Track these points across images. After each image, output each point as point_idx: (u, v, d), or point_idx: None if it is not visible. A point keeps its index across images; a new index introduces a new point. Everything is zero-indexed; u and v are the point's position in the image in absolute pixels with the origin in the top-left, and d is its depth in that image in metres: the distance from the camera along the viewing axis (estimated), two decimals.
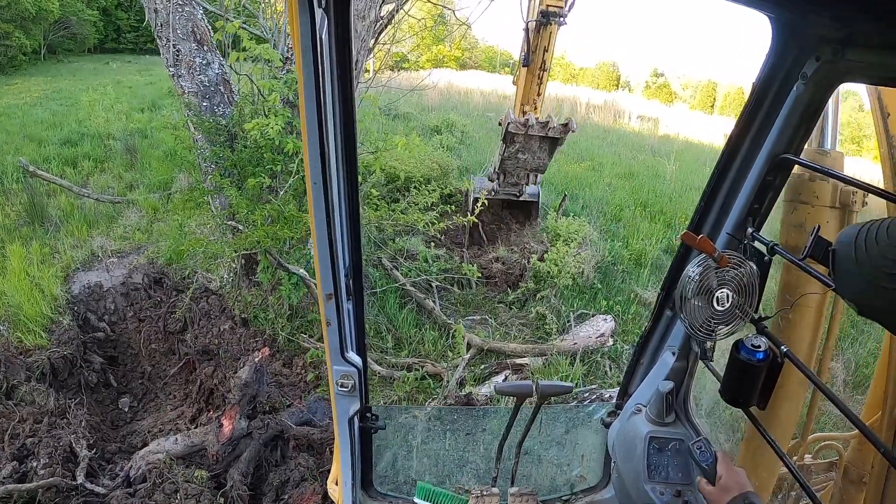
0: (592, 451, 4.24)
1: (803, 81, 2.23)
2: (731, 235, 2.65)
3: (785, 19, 2.17)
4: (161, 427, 6.64)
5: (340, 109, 2.22)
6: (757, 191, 2.53)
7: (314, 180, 2.12)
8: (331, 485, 3.42)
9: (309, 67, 1.88)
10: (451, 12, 14.79)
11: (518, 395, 3.43)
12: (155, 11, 7.65)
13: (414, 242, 10.41)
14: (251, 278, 8.38)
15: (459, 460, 4.78)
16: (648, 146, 23.98)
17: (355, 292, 2.77)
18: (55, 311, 7.85)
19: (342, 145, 2.31)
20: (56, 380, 6.85)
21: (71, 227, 10.69)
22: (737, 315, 2.54)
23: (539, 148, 10.16)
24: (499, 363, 7.96)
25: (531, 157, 10.35)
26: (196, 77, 7.88)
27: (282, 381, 7.25)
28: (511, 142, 9.99)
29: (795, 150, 2.41)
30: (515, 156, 10.33)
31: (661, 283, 3.24)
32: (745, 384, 2.48)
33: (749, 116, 2.43)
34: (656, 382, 3.09)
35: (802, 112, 2.31)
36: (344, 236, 2.53)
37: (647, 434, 3.04)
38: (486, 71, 50.15)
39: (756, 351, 2.38)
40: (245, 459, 5.75)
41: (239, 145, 7.49)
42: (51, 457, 5.66)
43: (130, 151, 15.34)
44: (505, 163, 10.56)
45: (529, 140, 9.96)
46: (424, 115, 23.09)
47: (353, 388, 2.91)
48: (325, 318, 2.59)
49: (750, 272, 2.46)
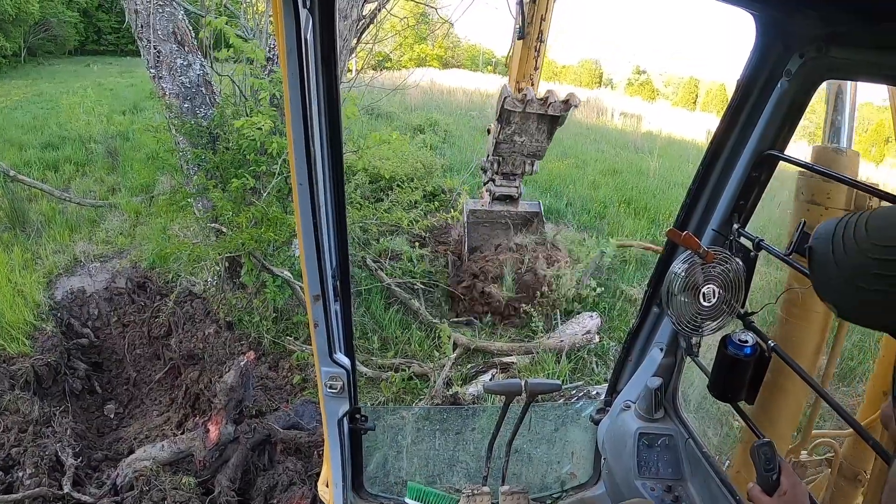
0: (582, 449, 4.29)
1: (787, 78, 2.26)
2: (717, 232, 2.69)
3: (769, 17, 2.19)
4: (147, 433, 6.58)
5: (326, 110, 2.22)
6: (742, 187, 2.55)
7: (300, 181, 2.12)
8: (321, 487, 3.40)
9: (294, 67, 1.88)
10: (434, 10, 14.75)
11: (507, 393, 3.44)
12: (135, 12, 7.58)
13: (399, 242, 10.35)
14: (235, 281, 8.33)
15: (450, 460, 4.80)
16: (631, 143, 24.05)
17: (342, 293, 2.77)
18: (38, 317, 7.78)
19: (328, 146, 2.31)
20: (40, 388, 6.77)
21: (53, 231, 10.62)
22: (723, 310, 2.55)
23: (537, 129, 9.36)
24: (485, 362, 7.95)
25: (528, 140, 9.50)
26: (177, 78, 7.82)
27: (268, 384, 7.20)
28: (507, 122, 9.14)
29: (780, 146, 2.43)
30: (511, 138, 9.44)
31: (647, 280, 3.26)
32: (733, 379, 2.50)
33: (734, 113, 2.47)
34: (645, 379, 3.13)
35: (787, 108, 2.34)
36: (330, 237, 2.53)
37: (637, 430, 3.08)
38: (468, 70, 50.10)
39: (743, 346, 2.40)
40: (232, 465, 5.71)
41: (221, 147, 7.45)
42: (37, 466, 5.59)
43: (112, 154, 15.29)
44: (500, 147, 9.58)
45: (527, 120, 9.17)
46: (407, 114, 23.04)
47: (342, 390, 2.91)
48: (312, 319, 2.58)
49: (736, 268, 2.48)
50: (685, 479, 3.00)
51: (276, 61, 7.97)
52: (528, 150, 9.68)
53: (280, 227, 7.10)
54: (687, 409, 3.34)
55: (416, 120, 21.56)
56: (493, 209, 10.52)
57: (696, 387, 4.85)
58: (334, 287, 2.65)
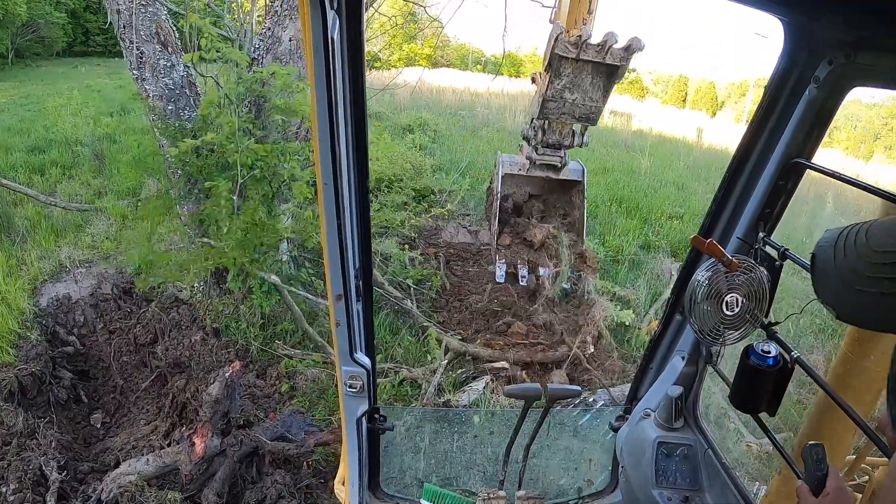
0: (600, 456, 4.31)
1: (815, 85, 2.23)
2: (742, 240, 2.66)
3: (797, 23, 2.17)
4: (135, 443, 6.48)
5: (352, 110, 2.21)
6: (769, 195, 2.53)
7: (325, 180, 2.13)
8: (338, 485, 3.41)
9: (321, 68, 1.89)
10: (423, 9, 14.71)
11: (526, 397, 3.45)
12: (117, 12, 7.45)
13: (388, 244, 10.27)
14: (222, 287, 8.24)
15: (467, 462, 4.86)
16: (622, 141, 24.22)
17: (365, 293, 2.77)
18: (22, 325, 7.66)
19: (353, 146, 2.30)
20: (25, 398, 6.66)
21: (38, 237, 10.52)
22: (747, 320, 2.52)
23: (592, 83, 8.07)
24: (477, 368, 7.87)
25: (581, 98, 8.18)
26: (161, 80, 7.71)
27: (255, 393, 7.12)
28: (557, 73, 7.92)
29: (808, 154, 2.40)
30: (561, 95, 8.14)
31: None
32: (755, 390, 2.47)
33: (761, 120, 2.43)
34: (665, 387, 3.13)
35: (815, 116, 2.30)
36: (354, 237, 2.52)
37: (656, 439, 3.08)
38: (458, 69, 50.16)
39: (766, 357, 2.36)
40: (219, 478, 5.63)
41: (205, 150, 7.34)
42: (20, 481, 5.49)
43: (98, 157, 15.23)
44: (547, 105, 8.30)
45: (581, 72, 7.92)
46: (396, 114, 23.14)
47: (362, 389, 2.93)
48: (334, 318, 2.59)
49: (760, 277, 2.45)
50: (703, 490, 2.99)
51: (262, 62, 7.88)
52: (581, 110, 8.42)
53: (266, 233, 7.02)
54: (706, 418, 3.32)
55: (405, 120, 21.65)
56: (532, 174, 9.69)
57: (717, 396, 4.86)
58: (357, 287, 2.64)
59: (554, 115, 8.46)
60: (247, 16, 9.21)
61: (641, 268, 11.24)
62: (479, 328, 8.97)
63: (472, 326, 9.00)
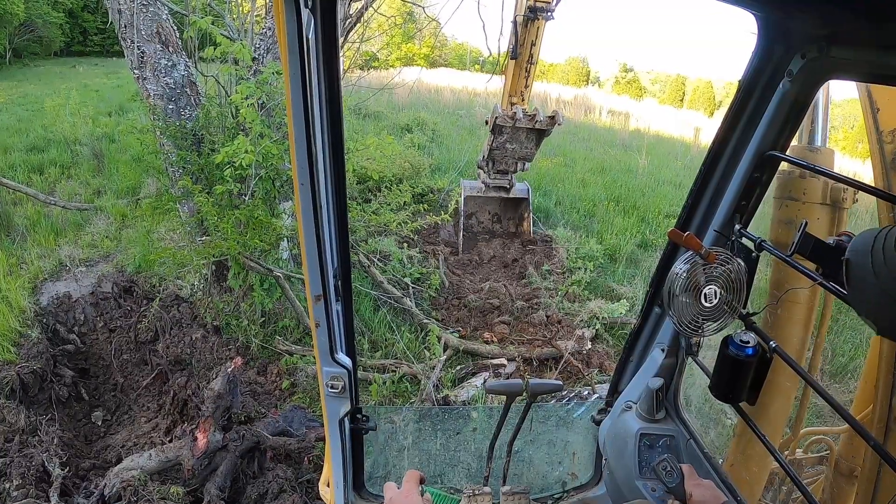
0: (583, 449, 4.31)
1: (789, 79, 2.25)
2: (719, 232, 2.66)
3: (771, 18, 2.18)
4: (136, 440, 6.52)
5: (327, 110, 2.20)
6: (744, 187, 2.54)
7: (301, 181, 2.11)
8: (322, 487, 3.40)
9: (296, 68, 1.87)
10: (422, 9, 14.73)
11: (508, 393, 3.43)
12: (118, 12, 7.49)
13: (387, 243, 10.29)
14: (222, 284, 8.26)
15: (450, 460, 4.82)
16: (619, 141, 24.16)
17: (344, 293, 2.76)
18: (23, 324, 7.69)
19: (329, 146, 2.30)
20: (26, 396, 6.69)
21: (38, 236, 10.54)
22: (725, 311, 2.52)
23: (526, 138, 10.61)
24: (476, 364, 7.90)
25: (518, 147, 10.75)
26: (161, 79, 7.74)
27: (257, 389, 7.15)
28: (499, 133, 10.38)
29: (782, 146, 2.42)
30: (503, 146, 10.69)
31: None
32: (735, 380, 2.47)
33: (736, 113, 2.45)
34: (646, 380, 3.11)
35: (789, 109, 2.32)
36: (332, 237, 2.51)
37: (638, 431, 3.06)
38: (456, 69, 50.13)
39: (745, 346, 2.37)
40: (221, 473, 5.64)
41: (206, 149, 7.37)
42: (23, 477, 5.51)
43: (97, 157, 15.20)
44: (493, 153, 10.86)
45: (517, 131, 10.38)
46: (395, 113, 23.03)
47: (343, 390, 2.89)
48: (314, 319, 2.57)
49: (738, 268, 2.46)
50: None
51: (262, 61, 7.91)
52: (518, 155, 10.99)
53: (266, 231, 7.04)
54: (688, 409, 3.34)
55: (404, 119, 21.56)
56: (488, 195, 11.93)
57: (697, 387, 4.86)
58: (336, 287, 2.63)
59: (499, 158, 11.10)
60: (247, 16, 9.24)
61: (638, 265, 11.30)
62: (478, 325, 9.04)
63: (470, 324, 9.07)
